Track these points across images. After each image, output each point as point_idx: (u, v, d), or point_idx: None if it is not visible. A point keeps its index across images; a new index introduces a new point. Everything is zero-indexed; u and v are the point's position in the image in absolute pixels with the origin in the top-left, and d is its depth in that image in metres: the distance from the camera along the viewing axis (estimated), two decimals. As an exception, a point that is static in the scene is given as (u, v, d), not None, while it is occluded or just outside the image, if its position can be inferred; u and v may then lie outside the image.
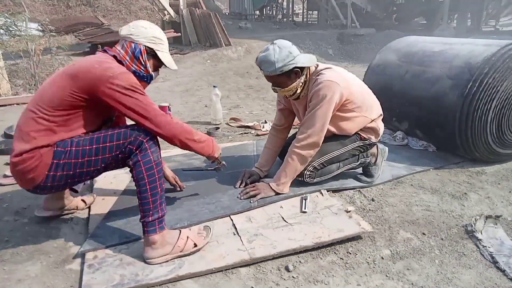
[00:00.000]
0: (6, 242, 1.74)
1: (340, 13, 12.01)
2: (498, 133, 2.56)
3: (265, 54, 1.97)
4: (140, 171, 1.53)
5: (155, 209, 1.55)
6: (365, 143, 2.26)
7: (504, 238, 1.80)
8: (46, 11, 12.29)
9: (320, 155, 2.14)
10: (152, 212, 1.55)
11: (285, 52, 1.95)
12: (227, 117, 3.89)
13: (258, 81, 6.32)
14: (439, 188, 2.31)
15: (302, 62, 1.98)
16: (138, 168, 1.53)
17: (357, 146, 2.24)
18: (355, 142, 2.23)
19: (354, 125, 2.20)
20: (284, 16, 17.14)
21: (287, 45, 1.98)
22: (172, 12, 8.93)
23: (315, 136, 2.02)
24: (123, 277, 1.47)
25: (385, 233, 1.85)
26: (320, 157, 2.14)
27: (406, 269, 1.59)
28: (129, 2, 14.03)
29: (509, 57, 2.43)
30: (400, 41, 3.35)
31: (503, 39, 2.76)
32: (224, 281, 1.51)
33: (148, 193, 1.54)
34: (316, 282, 1.51)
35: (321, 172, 2.18)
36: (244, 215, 1.93)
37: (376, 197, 2.18)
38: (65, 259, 1.63)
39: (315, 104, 2.00)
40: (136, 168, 1.53)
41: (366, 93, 2.26)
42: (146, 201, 1.54)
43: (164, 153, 2.77)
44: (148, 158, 1.54)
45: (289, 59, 1.94)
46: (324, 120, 2.01)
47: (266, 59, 1.95)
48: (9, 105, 4.44)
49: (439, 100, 2.62)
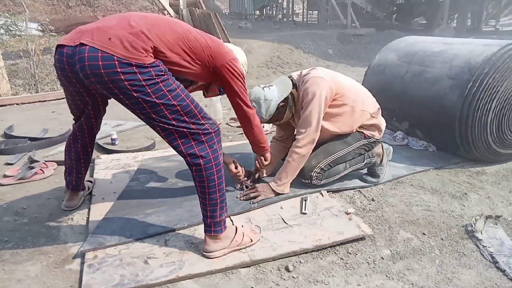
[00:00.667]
0: (6, 242, 1.74)
1: (340, 13, 12.01)
2: (498, 133, 2.55)
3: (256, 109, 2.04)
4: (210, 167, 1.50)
5: (222, 209, 1.58)
6: (370, 141, 2.27)
7: (504, 238, 1.80)
8: (46, 11, 12.28)
9: (326, 155, 2.14)
10: (220, 213, 1.57)
11: (271, 103, 2.05)
12: (227, 117, 3.89)
13: (258, 81, 6.32)
14: (439, 188, 2.31)
15: (279, 96, 2.08)
16: (208, 164, 1.49)
17: (362, 145, 2.24)
18: (360, 140, 2.23)
19: (353, 120, 2.20)
20: (284, 16, 17.14)
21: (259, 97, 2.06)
22: (172, 12, 8.93)
23: (313, 134, 2.06)
24: (123, 277, 1.47)
25: (385, 233, 1.84)
26: (326, 157, 2.14)
27: (406, 269, 1.59)
28: (129, 2, 14.02)
29: (509, 57, 2.43)
30: (400, 41, 3.35)
31: (503, 39, 2.76)
32: (224, 281, 1.51)
33: (217, 194, 1.54)
34: (316, 282, 1.51)
35: (328, 173, 2.18)
36: (244, 216, 1.93)
37: (376, 197, 2.18)
38: (65, 259, 1.63)
39: (307, 103, 2.04)
40: (206, 164, 1.49)
41: (357, 88, 2.29)
42: (214, 201, 1.54)
43: (163, 153, 2.78)
44: (216, 154, 1.52)
45: (274, 105, 2.06)
46: (318, 117, 2.05)
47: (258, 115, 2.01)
48: (9, 105, 4.44)
49: (439, 100, 2.62)
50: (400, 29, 11.22)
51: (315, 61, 8.26)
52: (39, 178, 2.39)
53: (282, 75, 6.96)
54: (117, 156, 2.73)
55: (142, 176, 2.37)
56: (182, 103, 1.44)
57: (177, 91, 1.44)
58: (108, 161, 2.62)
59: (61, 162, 2.49)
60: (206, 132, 1.49)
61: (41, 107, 4.37)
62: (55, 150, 2.90)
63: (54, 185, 2.32)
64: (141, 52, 1.36)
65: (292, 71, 7.17)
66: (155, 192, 2.15)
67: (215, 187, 1.53)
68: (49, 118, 3.87)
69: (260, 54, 7.94)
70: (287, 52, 8.31)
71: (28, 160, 2.59)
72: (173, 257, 1.60)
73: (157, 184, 2.25)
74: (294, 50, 8.52)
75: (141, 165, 2.55)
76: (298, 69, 8.29)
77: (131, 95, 1.37)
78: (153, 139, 3.13)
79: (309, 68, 2.22)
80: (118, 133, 3.22)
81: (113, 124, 3.54)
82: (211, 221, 1.57)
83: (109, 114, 4.00)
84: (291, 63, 7.76)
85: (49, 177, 2.43)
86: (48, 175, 2.44)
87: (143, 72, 1.35)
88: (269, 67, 7.29)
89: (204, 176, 1.50)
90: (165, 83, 1.40)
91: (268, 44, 8.56)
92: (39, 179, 2.39)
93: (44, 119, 3.82)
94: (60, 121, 3.71)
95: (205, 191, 1.53)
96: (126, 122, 3.63)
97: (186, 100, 1.45)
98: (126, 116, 3.87)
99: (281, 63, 7.66)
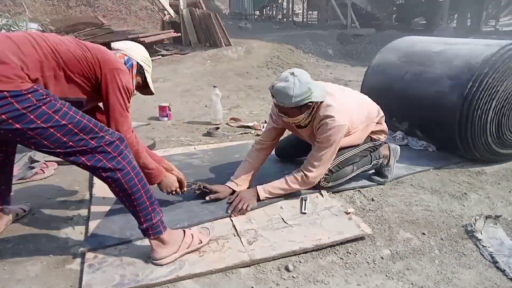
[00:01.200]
0: (6, 242, 1.74)
1: (340, 13, 12.01)
2: (498, 133, 2.56)
3: (283, 85, 1.86)
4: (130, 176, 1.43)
5: (154, 210, 1.52)
6: (375, 144, 2.32)
7: (504, 238, 1.80)
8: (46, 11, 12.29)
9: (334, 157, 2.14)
10: (153, 214, 1.51)
11: (305, 87, 1.86)
12: (227, 117, 3.89)
13: (258, 81, 6.32)
14: (439, 188, 2.31)
15: (316, 97, 1.91)
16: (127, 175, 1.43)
17: (368, 147, 2.29)
18: (366, 143, 2.28)
19: (363, 135, 2.25)
20: (284, 16, 17.14)
21: (307, 80, 1.89)
22: (172, 12, 8.92)
23: (323, 171, 2.07)
24: (123, 277, 1.47)
25: (385, 233, 1.85)
26: (334, 159, 2.14)
27: (406, 269, 1.59)
28: (129, 2, 14.02)
29: (509, 57, 2.43)
30: (400, 41, 3.35)
31: (503, 39, 2.76)
32: (224, 281, 1.51)
33: (143, 197, 1.47)
34: (316, 282, 1.51)
35: (336, 175, 2.17)
36: (244, 216, 1.93)
37: (376, 197, 2.18)
38: (65, 259, 1.63)
39: (325, 147, 2.00)
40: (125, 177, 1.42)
41: (364, 106, 2.28)
42: (144, 205, 1.48)
43: (163, 153, 2.78)
44: (129, 160, 1.45)
45: (307, 95, 1.87)
46: (332, 157, 2.06)
47: (284, 91, 1.86)
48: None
49: (439, 100, 2.62)
50: (400, 29, 11.21)
51: (315, 61, 8.26)
52: (39, 178, 2.39)
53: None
54: (117, 156, 2.73)
55: (142, 176, 2.37)
56: (73, 120, 1.33)
57: (63, 110, 1.33)
58: (108, 161, 2.62)
59: (61, 162, 2.49)
60: (109, 142, 1.40)
61: (41, 107, 4.36)
62: (55, 150, 2.91)
63: (54, 185, 2.32)
64: (14, 79, 1.25)
65: (292, 71, 7.16)
66: (155, 192, 2.14)
67: (139, 191, 1.46)
68: (49, 118, 3.86)
69: (260, 54, 7.94)
70: (287, 52, 8.31)
71: (28, 160, 2.58)
72: (173, 257, 1.60)
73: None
74: (294, 50, 8.52)
75: (141, 165, 2.55)
76: (298, 69, 8.23)
77: (15, 128, 1.25)
78: (153, 139, 3.14)
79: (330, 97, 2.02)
80: (118, 133, 3.21)
81: (113, 124, 3.53)
82: (147, 225, 1.50)
83: (109, 114, 4.01)
84: (291, 63, 7.75)
85: (49, 177, 2.43)
86: (48, 175, 2.44)
87: (21, 100, 1.24)
88: (269, 67, 7.29)
89: (126, 185, 1.43)
90: (48, 105, 1.29)
91: (268, 44, 8.56)
92: (39, 179, 2.39)
93: (44, 119, 3.81)
94: (60, 121, 3.71)
95: (131, 199, 1.46)
96: (126, 122, 3.63)
97: (77, 117, 1.35)
98: (126, 116, 3.88)
99: (281, 63, 7.66)
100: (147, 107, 4.26)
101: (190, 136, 3.30)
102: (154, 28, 11.96)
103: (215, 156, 2.75)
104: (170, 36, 8.40)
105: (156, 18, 11.90)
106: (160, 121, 3.74)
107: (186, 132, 3.42)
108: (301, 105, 1.89)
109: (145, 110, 4.14)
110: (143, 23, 13.16)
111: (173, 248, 1.56)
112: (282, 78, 1.89)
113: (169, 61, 7.55)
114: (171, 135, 3.34)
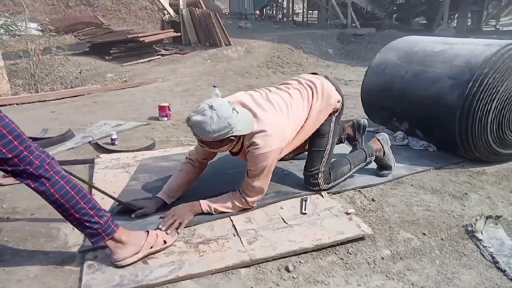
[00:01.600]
0: (6, 242, 1.74)
1: (340, 13, 12.02)
2: (498, 133, 2.55)
3: (199, 119, 1.68)
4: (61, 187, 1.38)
5: (99, 212, 1.46)
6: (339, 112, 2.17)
7: (504, 238, 1.79)
8: (45, 11, 12.28)
9: (318, 156, 2.12)
10: (98, 217, 1.45)
11: (223, 123, 1.68)
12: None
13: (258, 81, 6.32)
14: (440, 188, 2.31)
15: (239, 131, 1.74)
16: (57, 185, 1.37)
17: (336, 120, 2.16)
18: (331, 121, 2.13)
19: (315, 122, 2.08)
20: (284, 15, 17.15)
21: (226, 114, 1.68)
22: (172, 12, 8.93)
23: (261, 195, 1.96)
24: (123, 277, 1.47)
25: (385, 233, 1.84)
26: (320, 158, 2.12)
27: (407, 269, 1.59)
28: (129, 1, 14.02)
29: (510, 57, 2.43)
30: (400, 41, 3.35)
31: (504, 39, 2.76)
32: (224, 281, 1.51)
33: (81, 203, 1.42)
34: (316, 282, 1.51)
35: (334, 175, 2.17)
36: (244, 215, 1.93)
37: (376, 197, 2.18)
38: (65, 259, 1.63)
39: (256, 174, 1.86)
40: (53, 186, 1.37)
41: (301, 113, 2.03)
42: (84, 211, 1.42)
43: (163, 153, 2.77)
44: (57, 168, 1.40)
45: (226, 130, 1.69)
46: (268, 181, 1.92)
47: (200, 126, 1.68)
48: (9, 105, 4.43)
49: (439, 100, 2.62)
50: (400, 29, 11.21)
51: (315, 61, 8.26)
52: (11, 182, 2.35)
53: (282, 75, 6.98)
54: (117, 155, 2.73)
55: (141, 175, 2.37)
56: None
57: None
58: (108, 161, 2.62)
59: (61, 162, 2.48)
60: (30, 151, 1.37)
61: (41, 107, 4.36)
62: (54, 150, 2.90)
63: (54, 185, 2.32)
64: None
65: (292, 71, 7.18)
66: (155, 191, 2.14)
67: (74, 198, 1.40)
68: (48, 118, 3.86)
69: (260, 54, 7.94)
70: (287, 52, 8.32)
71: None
72: (173, 257, 1.60)
73: (156, 184, 2.25)
74: (294, 50, 8.52)
75: (141, 164, 2.55)
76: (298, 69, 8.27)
77: None
78: (153, 139, 3.13)
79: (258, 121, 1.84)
80: (118, 133, 3.21)
81: (113, 124, 3.53)
82: (97, 227, 1.45)
83: (109, 114, 4.01)
84: (291, 63, 7.76)
85: (49, 177, 2.42)
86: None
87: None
88: (269, 67, 7.30)
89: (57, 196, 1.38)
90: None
91: (268, 44, 8.56)
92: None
93: (44, 119, 3.81)
94: (60, 121, 3.71)
95: (67, 209, 1.40)
96: (126, 122, 3.63)
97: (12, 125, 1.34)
98: (126, 116, 3.88)
99: (281, 63, 7.66)
100: (147, 107, 4.26)
101: (190, 136, 3.30)
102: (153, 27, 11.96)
103: (215, 156, 2.74)
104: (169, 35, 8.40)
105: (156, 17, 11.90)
106: (160, 121, 3.74)
107: (186, 132, 3.41)
108: (221, 139, 1.74)
109: (145, 110, 4.13)
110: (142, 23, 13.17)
111: (135, 248, 1.54)
112: (199, 110, 1.71)
113: (168, 60, 7.55)
114: (171, 135, 3.33)
